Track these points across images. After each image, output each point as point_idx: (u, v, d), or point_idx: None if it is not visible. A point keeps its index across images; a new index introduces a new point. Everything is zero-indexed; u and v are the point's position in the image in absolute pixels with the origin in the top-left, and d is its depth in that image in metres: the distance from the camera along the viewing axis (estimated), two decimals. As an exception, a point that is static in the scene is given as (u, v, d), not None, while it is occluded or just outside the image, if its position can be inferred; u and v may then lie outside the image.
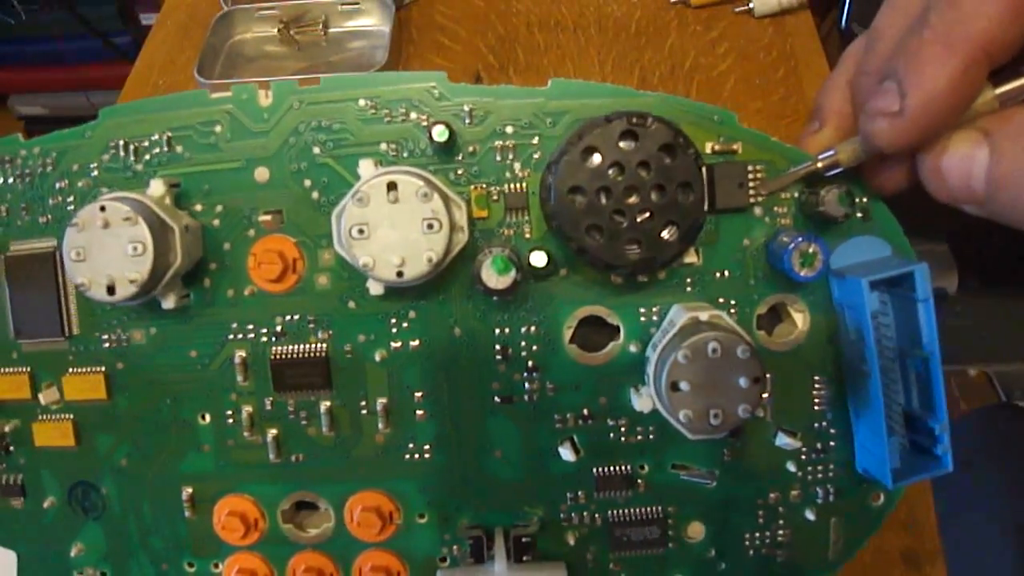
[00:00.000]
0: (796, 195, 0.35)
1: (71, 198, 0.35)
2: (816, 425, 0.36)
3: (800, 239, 0.33)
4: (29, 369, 0.36)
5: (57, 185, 0.35)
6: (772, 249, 0.35)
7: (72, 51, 1.22)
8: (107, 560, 0.37)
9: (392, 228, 0.32)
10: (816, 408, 0.36)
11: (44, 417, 0.36)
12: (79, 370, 0.36)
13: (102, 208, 0.32)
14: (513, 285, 0.33)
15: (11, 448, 0.37)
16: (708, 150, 0.35)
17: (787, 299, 0.36)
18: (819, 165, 0.34)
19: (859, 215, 0.35)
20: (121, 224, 0.32)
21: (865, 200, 0.35)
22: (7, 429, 0.36)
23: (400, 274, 0.32)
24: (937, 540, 0.42)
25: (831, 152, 0.34)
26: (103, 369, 0.36)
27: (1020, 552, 0.48)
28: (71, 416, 0.36)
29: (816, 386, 0.36)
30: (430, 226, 0.32)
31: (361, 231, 0.32)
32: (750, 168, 0.35)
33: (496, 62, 0.59)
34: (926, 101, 0.29)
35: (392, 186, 0.32)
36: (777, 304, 0.36)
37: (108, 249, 0.32)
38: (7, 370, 0.36)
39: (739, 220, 0.35)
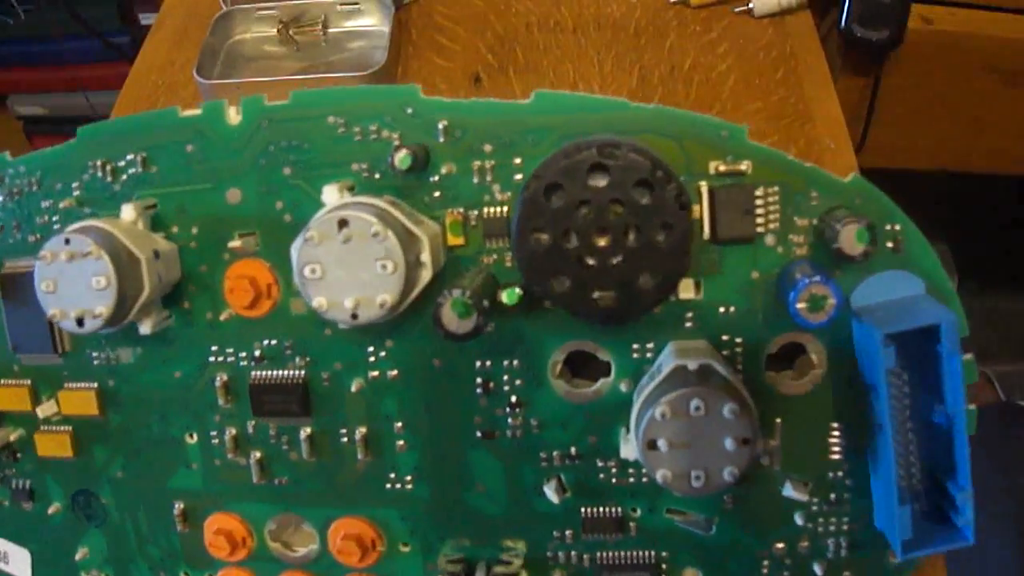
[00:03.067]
0: (814, 222, 0.31)
1: (56, 217, 0.35)
2: (831, 475, 0.33)
3: (809, 280, 0.29)
4: (29, 382, 0.37)
5: (43, 204, 0.35)
6: (782, 285, 0.31)
7: (71, 51, 1.20)
8: (110, 564, 0.38)
9: (344, 269, 0.30)
10: (832, 457, 0.33)
11: (44, 428, 0.37)
12: (73, 385, 0.36)
13: (67, 241, 0.31)
14: (475, 329, 0.30)
15: (19, 455, 0.38)
16: (712, 170, 0.31)
17: (802, 338, 0.32)
18: None
19: (889, 245, 0.31)
20: (84, 258, 0.31)
21: (897, 227, 0.31)
22: (12, 438, 0.37)
23: (355, 316, 0.30)
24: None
25: None
26: (96, 385, 0.36)
27: (1020, 552, 0.44)
28: (69, 428, 0.37)
29: (833, 433, 0.32)
30: (384, 267, 0.29)
31: (314, 271, 0.30)
32: (759, 192, 0.31)
33: (496, 62, 0.56)
34: None
35: (343, 223, 0.30)
36: (792, 343, 0.32)
37: (74, 282, 0.31)
38: (9, 382, 0.37)
39: (746, 250, 0.31)
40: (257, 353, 0.35)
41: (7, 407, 0.37)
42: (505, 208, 0.32)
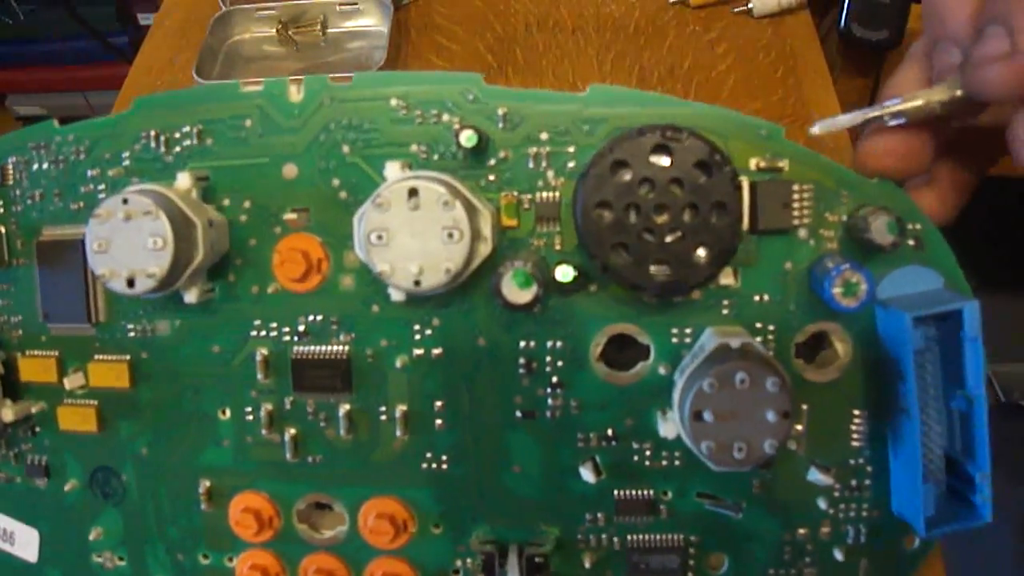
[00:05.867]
0: (844, 218, 0.33)
1: (102, 186, 0.35)
2: (852, 462, 0.34)
3: (844, 267, 0.31)
4: (57, 353, 0.36)
5: (89, 173, 0.36)
6: (815, 275, 0.33)
7: (70, 51, 1.21)
8: (124, 545, 0.37)
9: (411, 236, 0.31)
10: (853, 444, 0.34)
11: (69, 401, 0.37)
12: (104, 357, 0.36)
13: (124, 201, 0.32)
14: (534, 300, 0.31)
15: (37, 429, 0.37)
16: (752, 166, 0.33)
17: (829, 328, 0.34)
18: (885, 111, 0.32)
19: (911, 243, 0.33)
20: (142, 217, 0.32)
21: (919, 227, 0.33)
22: (33, 411, 0.37)
23: (418, 283, 0.31)
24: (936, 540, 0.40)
25: (896, 100, 0.31)
26: (128, 358, 0.36)
27: (1020, 552, 0.46)
28: (95, 402, 0.36)
29: (855, 420, 0.34)
30: (450, 235, 0.31)
31: (380, 237, 0.31)
32: (795, 188, 0.33)
33: (495, 62, 0.58)
34: None
35: (413, 192, 0.31)
36: (820, 332, 0.34)
37: (129, 242, 0.32)
38: (36, 353, 0.37)
39: (782, 242, 0.33)
40: (301, 328, 0.35)
41: (32, 378, 0.36)
42: (558, 193, 0.34)
